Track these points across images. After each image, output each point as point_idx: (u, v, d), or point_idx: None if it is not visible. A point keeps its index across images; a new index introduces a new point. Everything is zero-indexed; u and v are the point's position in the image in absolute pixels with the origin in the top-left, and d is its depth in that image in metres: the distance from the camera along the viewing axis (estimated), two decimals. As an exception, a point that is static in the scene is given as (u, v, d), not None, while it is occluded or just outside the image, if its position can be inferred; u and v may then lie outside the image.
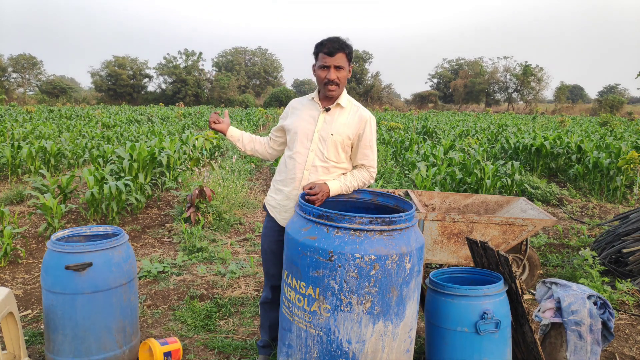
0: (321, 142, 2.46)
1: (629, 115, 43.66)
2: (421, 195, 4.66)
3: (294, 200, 2.53)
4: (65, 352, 2.60)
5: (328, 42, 2.38)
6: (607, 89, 72.87)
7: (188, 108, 45.39)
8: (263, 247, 2.71)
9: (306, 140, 2.48)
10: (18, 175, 8.71)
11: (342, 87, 2.45)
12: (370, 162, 2.54)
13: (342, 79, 2.42)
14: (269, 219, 2.66)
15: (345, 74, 2.43)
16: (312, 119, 2.50)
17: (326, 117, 2.48)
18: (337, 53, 2.36)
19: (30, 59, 62.69)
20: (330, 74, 2.38)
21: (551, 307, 2.61)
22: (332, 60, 2.36)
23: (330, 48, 2.35)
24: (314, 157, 2.47)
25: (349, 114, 2.51)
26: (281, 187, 2.58)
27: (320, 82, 2.44)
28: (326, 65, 2.38)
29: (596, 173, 8.84)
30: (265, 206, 2.69)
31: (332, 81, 2.39)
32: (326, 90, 2.43)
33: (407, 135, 14.25)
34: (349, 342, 1.97)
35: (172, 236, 5.44)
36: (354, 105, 2.55)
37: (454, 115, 40.17)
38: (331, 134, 2.45)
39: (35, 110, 27.74)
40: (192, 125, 21.79)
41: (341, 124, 2.47)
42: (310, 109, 2.54)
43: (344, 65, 2.40)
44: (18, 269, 4.44)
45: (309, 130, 2.49)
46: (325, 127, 2.47)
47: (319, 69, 2.42)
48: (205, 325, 3.37)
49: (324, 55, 2.37)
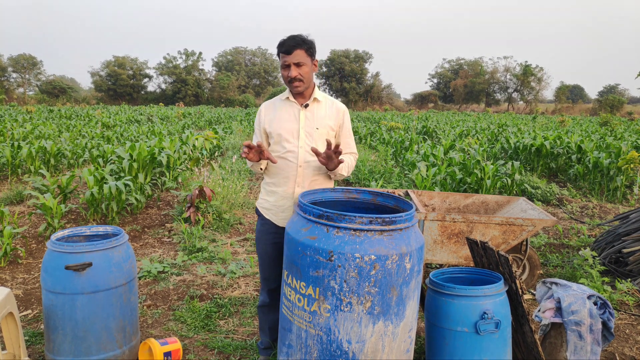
0: (308, 138, 2.50)
1: (629, 115, 43.69)
2: (421, 195, 4.66)
3: (290, 199, 2.53)
4: (65, 352, 2.60)
5: (286, 41, 2.41)
6: (607, 89, 72.83)
7: (188, 108, 45.41)
8: (259, 252, 2.70)
9: (294, 139, 2.50)
10: (18, 175, 8.71)
11: (307, 82, 2.47)
12: (353, 149, 2.68)
13: (305, 75, 2.43)
14: (263, 222, 2.65)
15: (308, 70, 2.45)
16: (293, 117, 2.53)
17: (306, 113, 2.52)
18: (294, 50, 2.38)
19: (30, 59, 62.71)
20: (291, 71, 2.40)
21: (551, 307, 2.61)
22: (291, 58, 2.39)
23: (288, 47, 2.39)
24: (304, 154, 2.49)
25: (327, 107, 2.58)
26: (274, 189, 2.58)
27: (285, 81, 2.48)
28: (286, 64, 2.41)
29: (596, 173, 8.84)
30: (258, 209, 2.68)
31: (294, 78, 2.41)
32: (291, 87, 2.47)
33: (407, 135, 14.25)
34: (349, 342, 1.97)
35: (172, 236, 5.44)
36: (328, 98, 2.63)
37: (454, 115, 40.17)
38: (316, 128, 2.51)
39: (35, 110, 27.75)
40: (192, 125, 21.79)
41: (322, 117, 2.54)
42: (288, 108, 2.56)
43: (305, 61, 2.42)
44: (18, 269, 4.44)
45: (294, 129, 2.51)
46: (309, 122, 2.51)
47: (282, 69, 2.46)
48: (205, 325, 3.37)
49: (283, 54, 2.41)
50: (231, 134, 17.27)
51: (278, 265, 2.67)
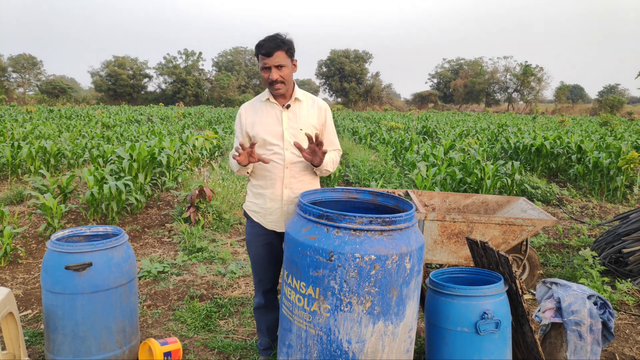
0: (292, 139, 2.47)
1: (629, 115, 43.67)
2: (421, 195, 4.66)
3: (279, 201, 2.51)
4: (65, 352, 2.60)
5: (265, 43, 2.35)
6: (607, 89, 72.85)
7: (188, 108, 45.42)
8: (251, 254, 2.66)
9: (278, 141, 2.47)
10: (18, 175, 8.71)
11: (288, 83, 2.44)
12: (337, 145, 2.67)
13: (286, 77, 2.40)
14: (252, 224, 2.62)
15: (289, 71, 2.41)
16: (275, 119, 2.49)
17: (288, 114, 2.49)
18: (275, 52, 2.33)
19: (30, 59, 62.73)
20: (272, 74, 2.36)
21: (551, 307, 2.61)
22: (271, 60, 2.34)
23: (268, 48, 2.33)
24: (291, 155, 2.47)
25: (308, 106, 2.55)
26: (261, 191, 2.55)
27: (265, 83, 2.44)
28: (266, 67, 2.36)
29: (596, 173, 8.84)
30: (246, 212, 2.65)
31: (276, 81, 2.38)
32: (272, 90, 2.43)
33: (407, 135, 14.25)
34: (349, 342, 1.97)
35: (172, 236, 5.44)
36: (309, 96, 2.59)
37: (454, 115, 40.17)
38: (300, 128, 2.48)
39: (35, 110, 27.75)
40: (192, 125, 21.80)
41: (305, 116, 2.51)
42: (269, 110, 2.52)
43: (285, 62, 2.38)
44: (18, 269, 4.44)
45: (277, 131, 2.48)
46: (292, 123, 2.49)
47: (261, 71, 2.41)
48: (205, 325, 3.37)
49: (263, 56, 2.35)
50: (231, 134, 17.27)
51: (272, 265, 2.66)
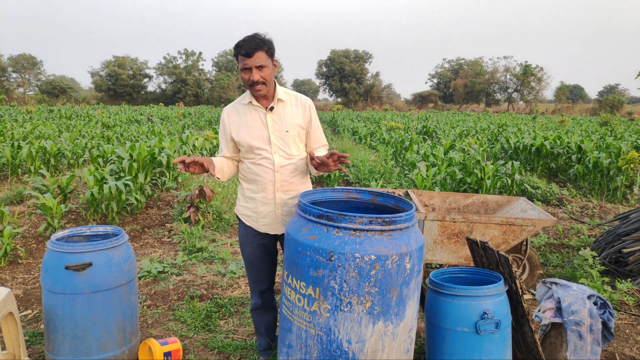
0: (279, 142, 2.44)
1: (629, 115, 43.68)
2: (421, 195, 4.66)
3: (271, 204, 2.49)
4: (65, 352, 2.60)
5: (244, 43, 2.28)
6: (607, 89, 72.87)
7: (188, 108, 45.42)
8: (245, 256, 2.65)
9: (265, 145, 2.44)
10: (18, 175, 8.71)
11: (269, 84, 2.38)
12: (323, 141, 2.63)
13: (267, 77, 2.34)
14: (245, 226, 2.60)
15: (270, 71, 2.35)
16: (260, 123, 2.45)
17: (273, 116, 2.44)
18: (255, 53, 2.27)
19: (30, 59, 62.72)
20: (253, 75, 2.30)
21: (551, 307, 2.61)
22: (252, 61, 2.28)
23: (247, 49, 2.27)
24: (280, 158, 2.44)
25: (292, 105, 2.49)
26: (252, 195, 2.53)
27: (246, 85, 2.39)
28: (247, 67, 2.31)
29: (596, 173, 8.84)
30: (238, 216, 2.63)
31: (257, 82, 2.32)
32: (253, 91, 2.37)
33: (407, 135, 14.25)
34: (349, 342, 1.97)
35: (172, 236, 5.44)
36: (292, 95, 2.53)
37: (454, 115, 40.16)
38: (286, 130, 2.44)
39: (35, 110, 27.75)
40: (192, 125, 21.80)
41: (290, 117, 2.46)
42: (253, 113, 2.47)
43: (266, 63, 2.32)
44: (18, 269, 4.44)
45: (263, 135, 2.44)
46: (277, 126, 2.44)
47: (241, 72, 2.35)
48: (205, 325, 3.37)
49: (243, 57, 2.29)
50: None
51: (267, 265, 2.65)
